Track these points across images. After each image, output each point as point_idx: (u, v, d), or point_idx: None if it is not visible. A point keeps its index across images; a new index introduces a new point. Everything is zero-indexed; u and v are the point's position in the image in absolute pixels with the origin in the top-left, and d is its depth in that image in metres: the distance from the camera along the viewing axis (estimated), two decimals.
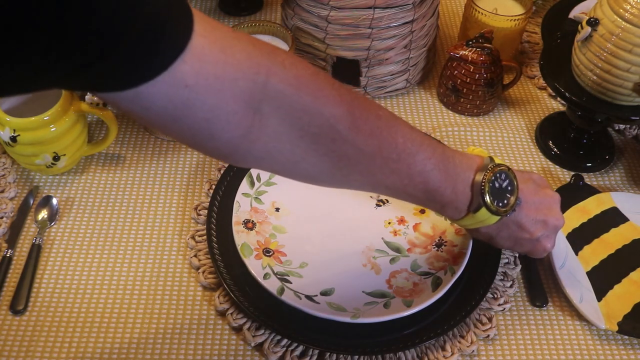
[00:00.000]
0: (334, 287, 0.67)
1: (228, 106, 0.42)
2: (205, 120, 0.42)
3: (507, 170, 0.59)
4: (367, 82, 0.88)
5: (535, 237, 0.62)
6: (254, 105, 0.43)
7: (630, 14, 0.68)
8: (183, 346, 0.64)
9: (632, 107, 0.74)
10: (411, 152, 0.54)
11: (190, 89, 0.40)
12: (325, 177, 0.53)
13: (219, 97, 0.41)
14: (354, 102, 0.50)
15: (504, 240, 0.63)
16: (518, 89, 0.93)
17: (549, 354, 0.65)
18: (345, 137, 0.49)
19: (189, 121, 0.42)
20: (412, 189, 0.56)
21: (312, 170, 0.52)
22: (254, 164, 0.51)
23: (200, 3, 1.05)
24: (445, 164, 0.56)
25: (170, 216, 0.75)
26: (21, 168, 0.79)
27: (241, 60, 0.42)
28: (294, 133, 0.47)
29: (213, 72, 0.40)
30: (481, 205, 0.57)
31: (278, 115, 0.45)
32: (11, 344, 0.64)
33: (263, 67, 0.43)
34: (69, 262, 0.71)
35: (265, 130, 0.45)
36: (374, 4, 0.80)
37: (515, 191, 0.60)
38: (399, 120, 0.55)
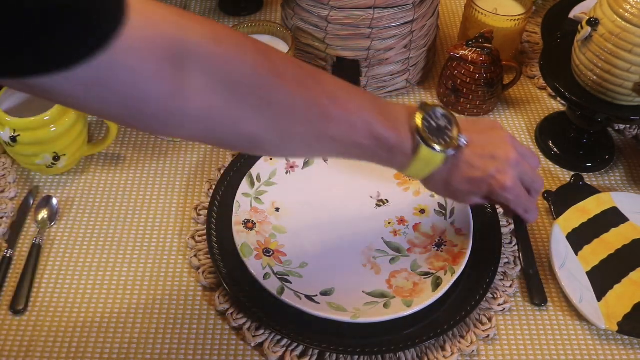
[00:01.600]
0: (334, 287, 0.67)
1: (150, 65, 0.43)
2: (132, 84, 0.43)
3: (441, 109, 0.59)
4: (367, 82, 0.88)
5: (487, 173, 0.60)
6: (176, 63, 0.44)
7: (630, 14, 0.68)
8: (183, 346, 0.64)
9: (632, 107, 0.74)
10: (343, 98, 0.54)
11: (113, 55, 0.40)
12: (268, 135, 0.53)
13: (141, 58, 0.42)
14: (272, 52, 0.52)
15: (459, 183, 0.61)
16: (518, 89, 0.93)
17: (549, 354, 0.65)
18: (273, 84, 0.50)
19: (117, 88, 0.43)
20: (356, 136, 0.55)
21: (253, 129, 0.51)
22: (195, 127, 0.50)
23: (200, 3, 1.05)
24: (381, 109, 0.57)
25: (170, 216, 0.75)
26: (21, 168, 0.79)
27: (158, 21, 0.43)
28: (222, 86, 0.48)
29: (134, 35, 0.41)
30: (420, 144, 0.57)
31: (202, 70, 0.46)
32: (11, 344, 0.64)
33: (180, 26, 0.45)
34: (69, 262, 0.71)
35: (193, 87, 0.46)
36: (374, 4, 0.80)
37: (454, 127, 0.59)
38: (322, 71, 0.56)
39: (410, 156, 0.58)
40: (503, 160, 0.61)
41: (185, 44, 0.45)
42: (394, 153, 0.57)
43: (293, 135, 0.54)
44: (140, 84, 0.43)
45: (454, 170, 0.60)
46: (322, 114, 0.53)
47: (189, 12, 0.48)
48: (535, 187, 0.64)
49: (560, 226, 0.73)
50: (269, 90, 0.50)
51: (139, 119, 0.48)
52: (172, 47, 0.44)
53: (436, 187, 0.63)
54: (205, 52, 0.46)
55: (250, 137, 0.52)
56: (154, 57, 0.43)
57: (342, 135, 0.55)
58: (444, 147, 0.58)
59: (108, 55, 0.40)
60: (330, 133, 0.54)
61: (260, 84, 0.50)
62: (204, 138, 0.54)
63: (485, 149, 0.61)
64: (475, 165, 0.60)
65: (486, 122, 0.64)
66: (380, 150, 0.57)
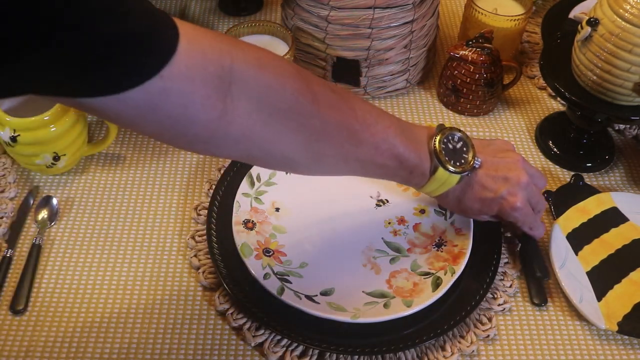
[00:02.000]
0: (334, 287, 0.67)
1: (201, 91, 0.46)
2: (183, 107, 0.45)
3: (458, 132, 0.64)
4: (367, 82, 0.88)
5: (499, 194, 0.65)
6: (224, 88, 0.47)
7: (630, 14, 0.68)
8: (183, 346, 0.64)
9: (632, 107, 0.74)
10: (371, 122, 0.58)
11: (166, 80, 0.43)
12: (301, 157, 0.56)
13: (192, 84, 0.45)
14: (311, 78, 0.55)
15: (472, 202, 0.66)
16: (518, 89, 0.93)
17: (549, 354, 0.65)
18: (310, 110, 0.53)
19: (168, 110, 0.45)
20: (381, 158, 0.59)
21: (288, 151, 0.54)
22: (233, 148, 0.52)
23: (200, 3, 1.05)
24: (404, 131, 0.60)
25: (170, 216, 0.75)
26: (21, 168, 0.79)
27: (207, 49, 0.46)
28: (264, 111, 0.50)
29: (185, 63, 0.44)
30: (437, 166, 0.61)
31: (246, 96, 0.49)
32: (11, 344, 0.64)
33: (226, 52, 0.48)
34: (69, 262, 0.71)
35: (237, 111, 0.49)
36: (374, 4, 0.80)
37: (470, 150, 0.63)
38: (353, 95, 0.60)
39: (427, 176, 0.62)
40: (514, 182, 0.65)
41: (231, 71, 0.47)
42: (414, 173, 0.62)
43: (324, 158, 0.57)
44: (189, 108, 0.46)
45: (467, 190, 0.65)
46: (353, 138, 0.57)
47: (235, 38, 0.51)
48: (538, 207, 0.68)
49: (560, 226, 0.73)
50: (306, 115, 0.53)
51: (182, 139, 0.50)
52: (219, 73, 0.46)
53: (449, 204, 0.68)
54: (249, 78, 0.48)
55: (284, 158, 0.56)
56: (202, 83, 0.45)
57: (368, 157, 0.59)
58: (459, 170, 0.62)
59: (160, 80, 0.42)
60: (358, 155, 0.58)
61: (299, 109, 0.52)
62: (240, 157, 0.57)
63: (498, 171, 0.65)
64: (487, 187, 0.65)
65: (500, 144, 0.69)
66: (401, 171, 0.61)
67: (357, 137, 0.57)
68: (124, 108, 0.43)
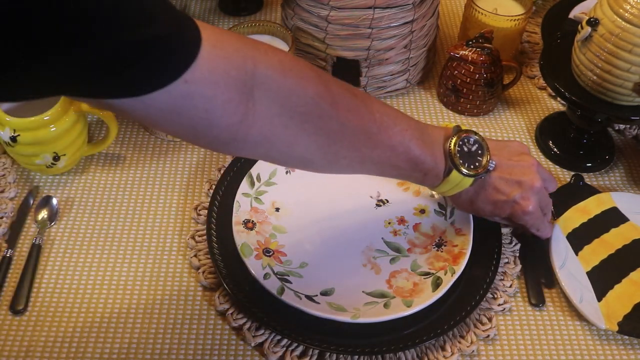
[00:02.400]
0: (334, 287, 0.67)
1: (224, 95, 0.46)
2: (205, 111, 0.46)
3: (474, 135, 0.64)
4: (367, 82, 0.88)
5: (511, 197, 0.65)
6: (246, 92, 0.48)
7: (630, 14, 0.68)
8: (183, 346, 0.64)
9: (632, 107, 0.74)
10: (388, 124, 0.59)
11: (189, 84, 0.44)
12: (318, 158, 0.57)
13: (215, 88, 0.46)
14: (331, 82, 0.56)
15: (484, 204, 0.66)
16: (518, 89, 0.93)
17: (549, 354, 0.65)
18: (329, 114, 0.54)
19: (191, 113, 0.46)
20: (396, 160, 0.60)
21: (305, 152, 0.55)
22: (252, 150, 0.53)
23: (200, 3, 1.05)
24: (421, 134, 0.61)
25: (170, 216, 0.75)
26: (21, 168, 0.79)
27: (231, 53, 0.47)
28: (285, 114, 0.51)
29: (207, 67, 0.44)
30: (452, 169, 0.62)
31: (268, 99, 0.49)
32: (11, 344, 0.64)
33: (249, 57, 0.48)
34: (69, 262, 0.71)
35: (259, 114, 0.49)
36: (374, 4, 0.80)
37: (485, 153, 0.64)
38: (372, 97, 0.60)
39: (441, 178, 0.63)
40: (528, 187, 0.66)
41: (254, 75, 0.48)
42: (428, 175, 0.63)
43: (341, 159, 0.58)
44: (210, 112, 0.47)
45: (480, 192, 0.66)
46: (369, 141, 0.58)
47: (257, 41, 0.52)
48: (546, 210, 0.69)
49: (560, 226, 0.73)
50: (325, 118, 0.54)
51: (202, 140, 0.51)
52: (242, 77, 0.47)
53: (462, 204, 0.69)
54: (271, 82, 0.49)
55: (301, 159, 0.57)
56: (225, 87, 0.46)
57: (384, 159, 0.60)
58: (473, 173, 0.63)
59: (183, 84, 0.43)
60: (374, 157, 0.59)
61: (318, 113, 0.53)
62: (258, 157, 0.59)
63: (513, 175, 0.66)
64: (501, 190, 0.66)
65: (515, 146, 0.69)
66: (416, 172, 0.62)
67: (374, 140, 0.58)
68: (148, 110, 0.44)
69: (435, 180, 0.64)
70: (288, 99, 0.51)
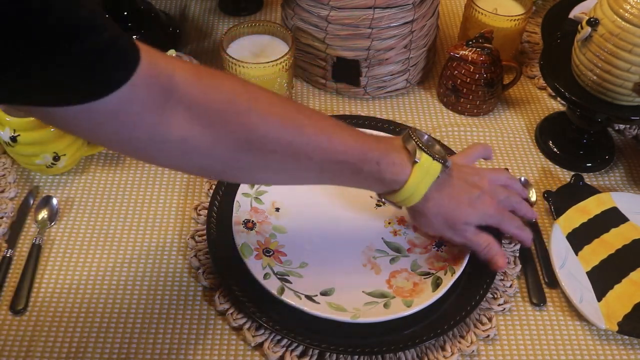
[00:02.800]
0: (334, 287, 0.67)
1: (153, 98, 0.48)
2: (137, 114, 0.48)
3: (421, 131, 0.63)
4: (367, 82, 0.88)
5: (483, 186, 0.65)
6: (167, 94, 0.49)
7: (630, 14, 0.68)
8: (183, 346, 0.64)
9: (632, 107, 0.74)
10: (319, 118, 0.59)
11: (134, 87, 0.45)
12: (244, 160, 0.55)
13: (149, 91, 0.47)
14: (250, 84, 0.56)
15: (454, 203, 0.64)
16: (518, 89, 0.93)
17: (549, 354, 0.65)
18: (248, 107, 0.53)
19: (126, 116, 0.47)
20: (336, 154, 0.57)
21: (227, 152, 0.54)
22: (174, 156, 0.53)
23: (200, 3, 1.05)
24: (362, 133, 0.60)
25: (170, 216, 0.75)
26: (21, 168, 0.79)
27: (157, 58, 0.49)
28: (203, 115, 0.51)
29: (145, 71, 0.46)
30: (416, 150, 0.60)
31: (185, 100, 0.50)
32: (11, 344, 0.64)
33: (170, 64, 0.50)
34: (69, 262, 0.71)
35: (175, 115, 0.50)
36: (374, 4, 0.80)
37: (437, 144, 0.62)
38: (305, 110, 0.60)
39: (408, 165, 0.60)
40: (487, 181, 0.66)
41: (172, 77, 0.49)
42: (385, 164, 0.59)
43: (269, 155, 0.56)
44: (141, 114, 0.48)
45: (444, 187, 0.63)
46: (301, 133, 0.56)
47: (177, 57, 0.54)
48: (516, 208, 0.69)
49: (560, 226, 0.73)
50: (243, 113, 0.53)
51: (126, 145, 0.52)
52: (165, 80, 0.49)
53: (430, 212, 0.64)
54: (188, 85, 0.50)
55: (227, 162, 0.55)
56: (155, 90, 0.48)
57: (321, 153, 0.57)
58: (440, 155, 0.61)
59: (131, 87, 0.45)
60: (308, 152, 0.56)
61: (235, 109, 0.53)
62: (181, 164, 0.56)
63: (471, 170, 0.67)
64: (469, 180, 0.65)
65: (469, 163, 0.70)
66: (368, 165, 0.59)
67: (307, 134, 0.56)
68: (92, 117, 0.45)
69: (400, 171, 0.60)
70: (203, 97, 0.51)
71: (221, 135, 0.53)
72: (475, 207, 0.65)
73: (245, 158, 0.55)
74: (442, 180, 0.62)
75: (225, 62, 0.79)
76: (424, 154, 0.60)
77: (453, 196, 0.64)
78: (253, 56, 0.81)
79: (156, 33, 0.95)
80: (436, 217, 0.64)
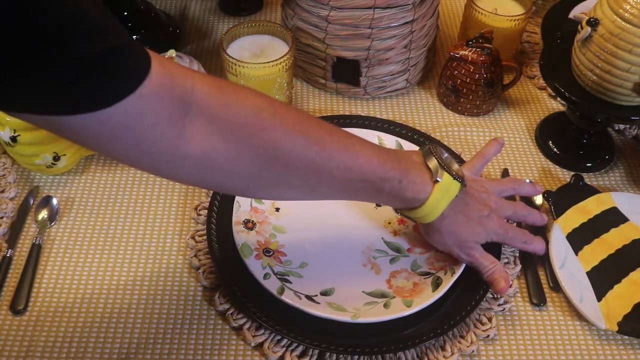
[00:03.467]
0: (334, 287, 0.67)
1: (168, 110, 0.47)
2: (152, 126, 0.46)
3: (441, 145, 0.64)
4: (367, 82, 0.88)
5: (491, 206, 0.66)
6: (185, 107, 0.48)
7: (630, 14, 0.68)
8: (183, 346, 0.64)
9: (632, 107, 0.74)
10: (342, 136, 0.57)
11: (143, 98, 0.44)
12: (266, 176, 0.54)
13: (162, 103, 0.46)
14: (274, 100, 0.55)
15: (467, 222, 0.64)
16: (518, 89, 0.93)
17: (549, 354, 0.65)
18: (272, 124, 0.52)
19: (139, 129, 0.46)
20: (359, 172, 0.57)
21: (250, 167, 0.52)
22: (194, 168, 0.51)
23: (200, 3, 1.05)
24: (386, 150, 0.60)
25: (170, 216, 0.75)
26: (21, 168, 0.79)
27: (173, 70, 0.48)
28: (225, 128, 0.50)
29: (157, 81, 0.45)
30: (438, 169, 0.60)
31: (206, 113, 0.49)
32: (11, 344, 0.64)
33: (189, 76, 0.49)
34: (69, 262, 0.71)
35: (197, 129, 0.49)
36: (374, 4, 0.80)
37: (454, 162, 0.62)
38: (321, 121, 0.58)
39: (429, 184, 0.60)
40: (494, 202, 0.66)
41: (192, 91, 0.48)
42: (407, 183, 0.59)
43: (293, 172, 0.55)
44: (156, 126, 0.46)
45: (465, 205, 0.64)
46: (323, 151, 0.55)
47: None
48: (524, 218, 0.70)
49: (560, 226, 0.73)
50: (269, 130, 0.52)
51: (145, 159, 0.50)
52: (183, 93, 0.47)
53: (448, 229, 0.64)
54: (209, 99, 0.49)
55: (249, 177, 0.54)
56: (169, 102, 0.46)
57: (343, 173, 0.56)
58: (460, 175, 0.61)
59: (138, 98, 0.44)
60: (331, 169, 0.56)
61: (260, 125, 0.52)
62: (201, 179, 0.54)
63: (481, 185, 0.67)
64: (480, 199, 0.65)
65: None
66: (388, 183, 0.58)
67: (329, 150, 0.55)
68: (101, 127, 0.44)
69: (421, 189, 0.60)
70: (225, 112, 0.50)
71: (245, 151, 0.51)
72: (484, 225, 0.65)
73: (268, 175, 0.54)
74: (459, 198, 0.62)
75: (225, 62, 0.79)
76: (445, 173, 0.60)
77: (466, 214, 0.64)
78: (253, 56, 0.82)
79: (156, 33, 0.95)
80: (449, 236, 0.65)
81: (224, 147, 0.50)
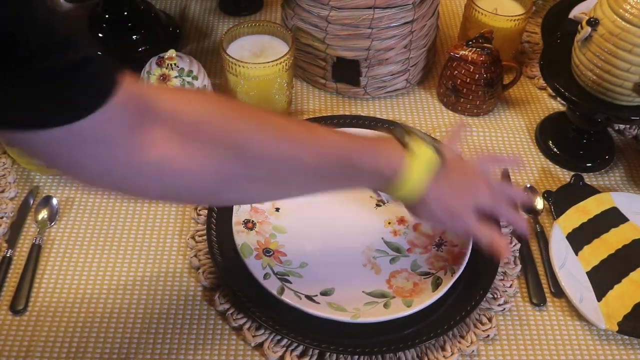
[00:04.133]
0: (334, 287, 0.67)
1: (133, 120, 0.46)
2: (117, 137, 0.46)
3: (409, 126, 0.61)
4: (367, 82, 0.88)
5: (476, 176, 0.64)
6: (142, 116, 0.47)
7: (630, 14, 0.68)
8: (183, 346, 0.64)
9: (632, 107, 0.74)
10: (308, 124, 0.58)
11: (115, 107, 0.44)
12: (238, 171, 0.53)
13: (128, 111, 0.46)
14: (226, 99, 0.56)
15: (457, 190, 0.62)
16: (518, 89, 0.93)
17: (549, 354, 0.65)
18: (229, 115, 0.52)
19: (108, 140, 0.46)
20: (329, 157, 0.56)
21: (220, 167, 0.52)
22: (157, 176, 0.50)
23: (200, 3, 1.05)
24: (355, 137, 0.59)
25: (170, 216, 0.75)
26: (21, 168, 0.79)
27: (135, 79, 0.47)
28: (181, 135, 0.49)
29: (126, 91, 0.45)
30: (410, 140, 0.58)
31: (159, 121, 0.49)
32: (11, 344, 0.64)
33: (149, 87, 0.50)
34: (69, 262, 0.71)
35: (152, 136, 0.48)
36: (374, 4, 0.80)
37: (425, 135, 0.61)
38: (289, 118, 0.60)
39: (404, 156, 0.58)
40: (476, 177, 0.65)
41: (147, 99, 0.48)
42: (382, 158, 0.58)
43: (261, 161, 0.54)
44: (123, 136, 0.46)
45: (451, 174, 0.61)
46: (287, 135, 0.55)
47: None
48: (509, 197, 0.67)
49: (560, 226, 0.73)
50: (227, 125, 0.52)
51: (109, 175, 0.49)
52: (141, 103, 0.48)
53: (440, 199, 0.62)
54: (161, 105, 0.49)
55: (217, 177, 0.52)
56: (134, 110, 0.46)
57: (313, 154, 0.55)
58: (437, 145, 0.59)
59: (111, 107, 0.43)
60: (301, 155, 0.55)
61: (217, 119, 0.52)
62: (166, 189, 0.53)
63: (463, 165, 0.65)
64: (465, 168, 0.64)
65: None
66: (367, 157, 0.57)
67: (295, 136, 0.55)
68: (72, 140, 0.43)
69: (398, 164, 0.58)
70: (179, 116, 0.50)
71: (205, 148, 0.50)
72: (471, 191, 0.63)
73: (232, 169, 0.53)
74: (441, 171, 0.60)
75: (225, 62, 0.79)
76: (418, 142, 0.59)
77: (450, 183, 0.62)
78: (253, 56, 0.82)
79: (156, 33, 0.95)
80: (436, 203, 0.62)
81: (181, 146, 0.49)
